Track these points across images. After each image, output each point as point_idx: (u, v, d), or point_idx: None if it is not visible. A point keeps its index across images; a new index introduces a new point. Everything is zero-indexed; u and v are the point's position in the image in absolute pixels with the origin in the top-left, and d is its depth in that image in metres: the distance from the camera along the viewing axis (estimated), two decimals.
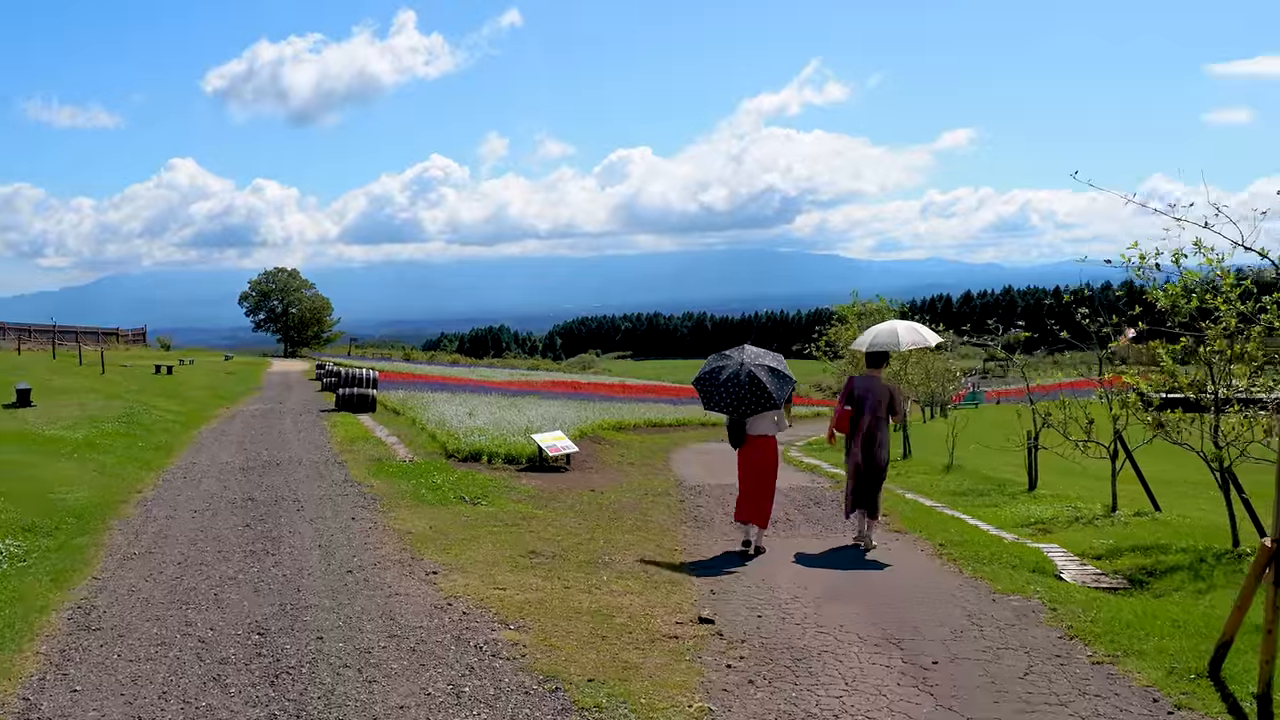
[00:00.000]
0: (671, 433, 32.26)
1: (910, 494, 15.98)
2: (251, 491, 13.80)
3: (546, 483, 16.01)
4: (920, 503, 14.83)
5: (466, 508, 12.77)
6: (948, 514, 13.65)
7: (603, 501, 14.20)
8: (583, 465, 18.81)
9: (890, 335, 11.98)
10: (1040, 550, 10.83)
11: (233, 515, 12.03)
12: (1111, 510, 13.97)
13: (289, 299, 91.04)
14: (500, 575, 9.02)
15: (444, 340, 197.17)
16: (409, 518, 11.85)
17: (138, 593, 8.42)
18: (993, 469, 20.53)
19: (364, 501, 13.02)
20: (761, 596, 8.70)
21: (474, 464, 17.55)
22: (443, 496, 13.42)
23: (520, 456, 18.17)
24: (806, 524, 12.97)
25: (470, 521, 11.73)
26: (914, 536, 11.84)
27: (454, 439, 19.11)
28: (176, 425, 23.45)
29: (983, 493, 16.10)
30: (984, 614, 8.11)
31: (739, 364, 11.04)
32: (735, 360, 11.15)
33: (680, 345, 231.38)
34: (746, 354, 11.26)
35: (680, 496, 15.28)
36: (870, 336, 12.18)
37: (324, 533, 10.90)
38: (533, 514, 12.58)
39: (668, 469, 20.13)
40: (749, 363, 11.04)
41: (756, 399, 10.80)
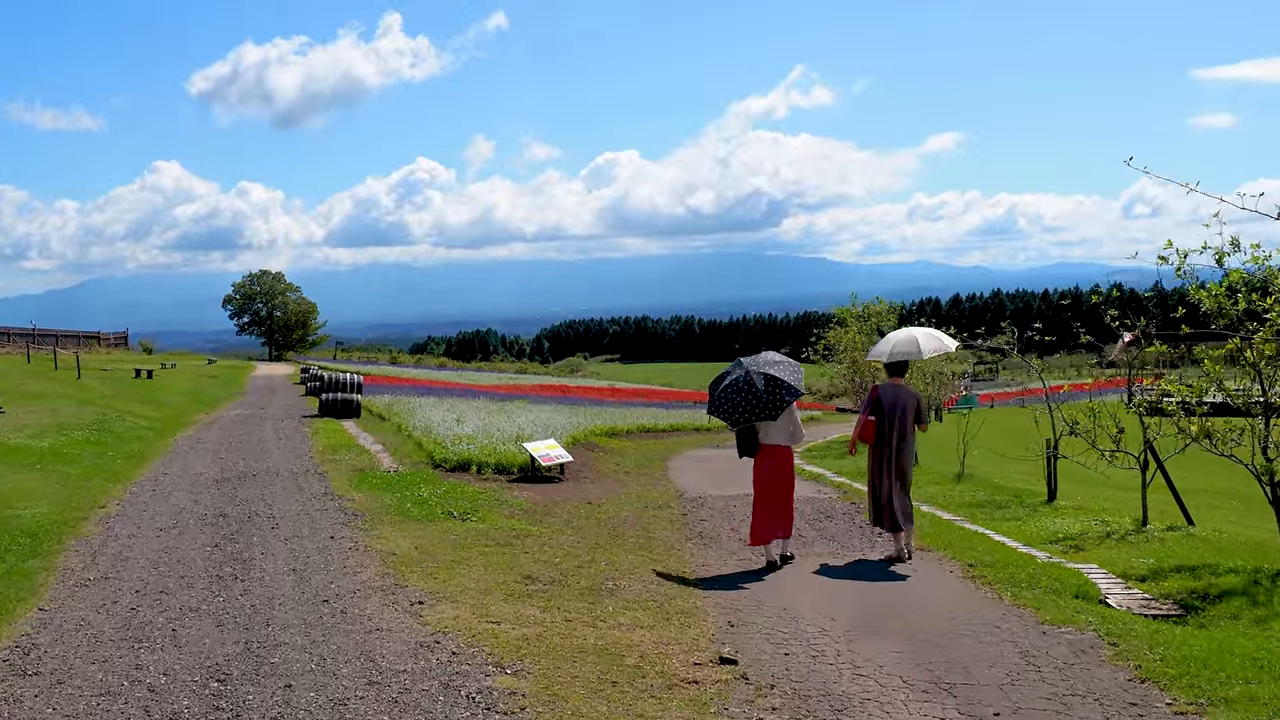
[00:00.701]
0: (666, 438, 31.37)
1: (925, 506, 15.10)
2: (224, 506, 12.85)
3: (540, 495, 15.10)
4: (938, 516, 13.95)
5: (455, 524, 11.84)
6: (970, 529, 12.77)
7: (601, 516, 13.29)
8: (577, 475, 17.90)
9: (910, 344, 11.41)
10: (1079, 572, 9.96)
11: (201, 534, 11.08)
12: (1142, 524, 13.12)
13: (273, 302, 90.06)
14: (494, 605, 8.09)
15: (431, 343, 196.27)
16: (393, 536, 10.91)
17: (86, 628, 7.47)
18: (1004, 477, 19.69)
19: (344, 518, 12.07)
20: (785, 629, 7.79)
21: (462, 474, 16.61)
22: (429, 512, 12.47)
23: (511, 466, 17.25)
24: (820, 540, 12.09)
25: (459, 541, 10.80)
26: (939, 555, 10.97)
27: (441, 447, 18.18)
28: (151, 433, 22.46)
29: (1001, 504, 15.22)
30: (1037, 651, 7.23)
31: (744, 370, 10.54)
32: (742, 367, 10.66)
33: (668, 348, 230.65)
34: (754, 360, 10.79)
35: (682, 509, 14.39)
36: (889, 346, 11.60)
37: (299, 554, 9.96)
38: (527, 531, 11.65)
39: (666, 478, 19.22)
40: (753, 369, 10.53)
41: (752, 406, 10.27)
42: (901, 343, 11.52)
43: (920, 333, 11.78)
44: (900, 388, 11.00)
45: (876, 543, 11.84)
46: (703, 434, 35.19)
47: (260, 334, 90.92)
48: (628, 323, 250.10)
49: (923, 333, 11.79)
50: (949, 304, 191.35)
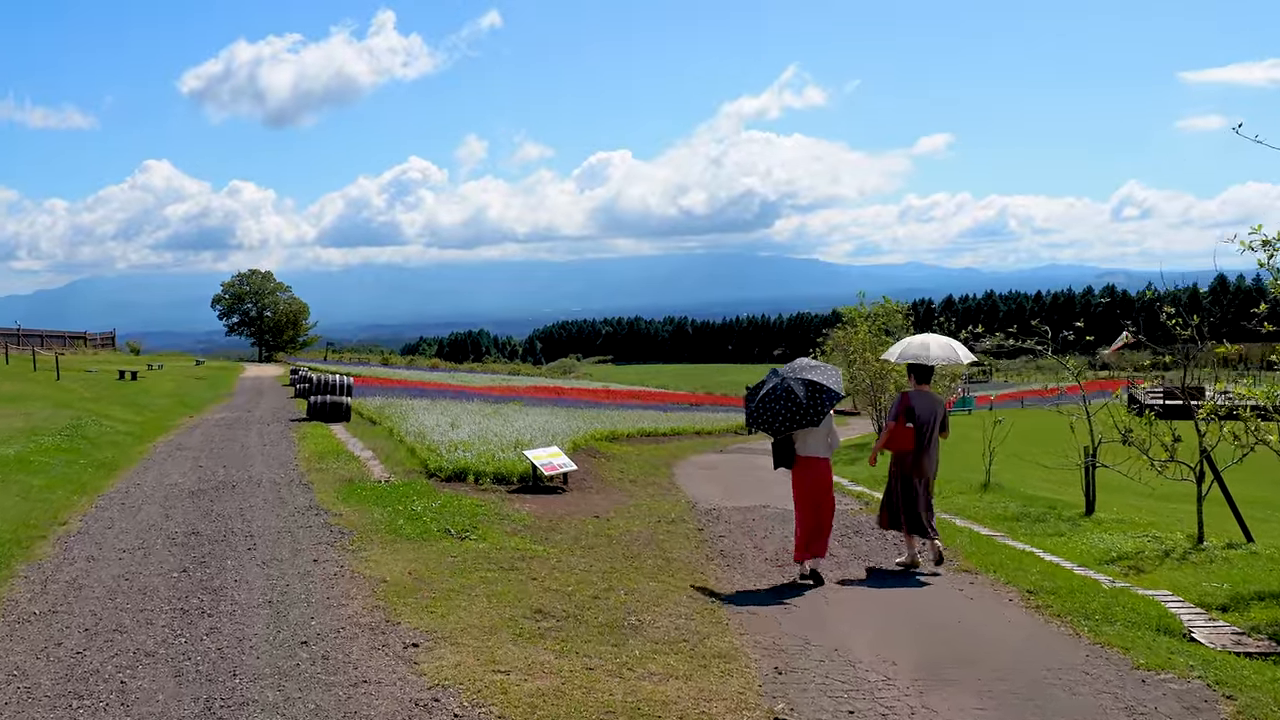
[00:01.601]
0: (667, 443, 30.32)
1: (959, 520, 14.02)
2: (197, 523, 11.69)
3: (543, 507, 13.97)
4: (975, 531, 12.85)
5: (453, 543, 10.68)
6: (1015, 547, 11.67)
7: (611, 532, 12.15)
8: (581, 484, 16.78)
9: (921, 348, 11.06)
10: (1154, 600, 8.86)
11: (169, 556, 9.92)
12: (1198, 541, 12.04)
13: (263, 302, 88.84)
14: (501, 649, 6.93)
15: (423, 344, 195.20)
16: (383, 559, 9.76)
17: (20, 678, 6.33)
18: (1031, 486, 18.63)
19: (330, 536, 10.92)
20: (842, 677, 6.66)
21: (459, 485, 15.47)
22: (424, 529, 11.31)
23: (511, 475, 16.10)
24: (854, 560, 10.98)
25: (458, 564, 9.65)
26: (990, 579, 9.88)
27: (436, 455, 17.03)
28: (129, 438, 21.30)
29: (1037, 517, 14.11)
30: (1144, 706, 6.13)
31: (780, 379, 10.07)
32: (778, 375, 10.18)
33: (661, 349, 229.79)
34: (790, 368, 10.28)
35: (697, 523, 13.27)
36: (900, 347, 11.36)
37: (278, 582, 8.81)
38: (532, 552, 10.50)
39: (674, 487, 18.12)
40: (790, 376, 10.04)
41: (793, 414, 9.75)
42: (913, 345, 11.21)
43: (934, 340, 11.31)
44: (930, 395, 10.74)
45: (920, 562, 10.76)
46: (704, 438, 34.16)
47: (250, 334, 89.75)
48: (620, 324, 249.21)
49: (937, 340, 11.31)
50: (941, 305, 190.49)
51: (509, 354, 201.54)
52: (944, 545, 10.77)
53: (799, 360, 10.66)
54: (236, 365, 64.80)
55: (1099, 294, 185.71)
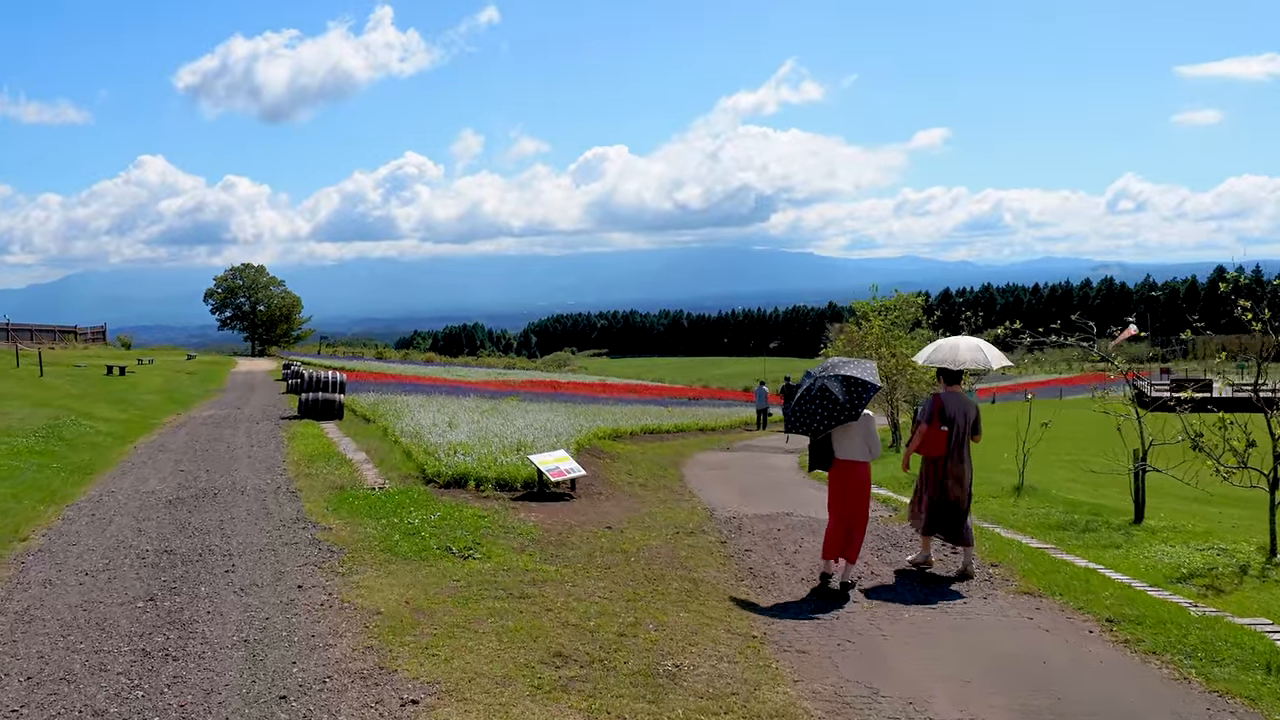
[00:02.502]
0: (671, 440, 29.22)
1: (1000, 529, 12.94)
2: (172, 539, 10.56)
3: (551, 517, 12.86)
4: (1024, 544, 11.74)
5: (454, 564, 9.57)
6: (1074, 563, 10.57)
7: (627, 547, 11.04)
8: (589, 489, 15.65)
9: (950, 351, 10.70)
10: (1259, 633, 7.75)
11: (137, 580, 8.81)
12: (1270, 554, 10.97)
13: (256, 296, 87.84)
14: (518, 707, 5.80)
15: (417, 338, 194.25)
16: (377, 584, 8.65)
17: None
18: (1065, 489, 17.56)
19: (318, 555, 9.79)
20: None
21: (458, 491, 14.35)
22: (422, 545, 10.19)
23: (514, 481, 14.97)
24: (901, 582, 9.89)
25: (462, 590, 8.53)
26: (1057, 603, 8.81)
27: (433, 459, 15.91)
28: (109, 439, 20.16)
29: (1086, 526, 13.01)
30: None
31: (814, 379, 9.69)
32: (811, 376, 9.81)
33: (657, 343, 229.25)
34: (823, 368, 9.89)
35: (719, 535, 12.18)
36: (929, 350, 11.01)
37: (256, 614, 7.70)
38: (544, 574, 9.38)
39: (686, 491, 17.03)
40: (823, 376, 9.66)
41: (831, 411, 9.39)
42: (943, 349, 10.83)
43: (964, 343, 10.89)
44: (961, 396, 10.42)
45: (971, 583, 9.68)
46: (708, 435, 33.10)
47: (243, 329, 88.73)
48: (616, 317, 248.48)
49: (966, 343, 10.89)
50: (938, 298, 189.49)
51: (504, 348, 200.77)
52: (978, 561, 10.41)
53: (832, 359, 10.22)
54: (229, 360, 63.68)
55: (1097, 286, 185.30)
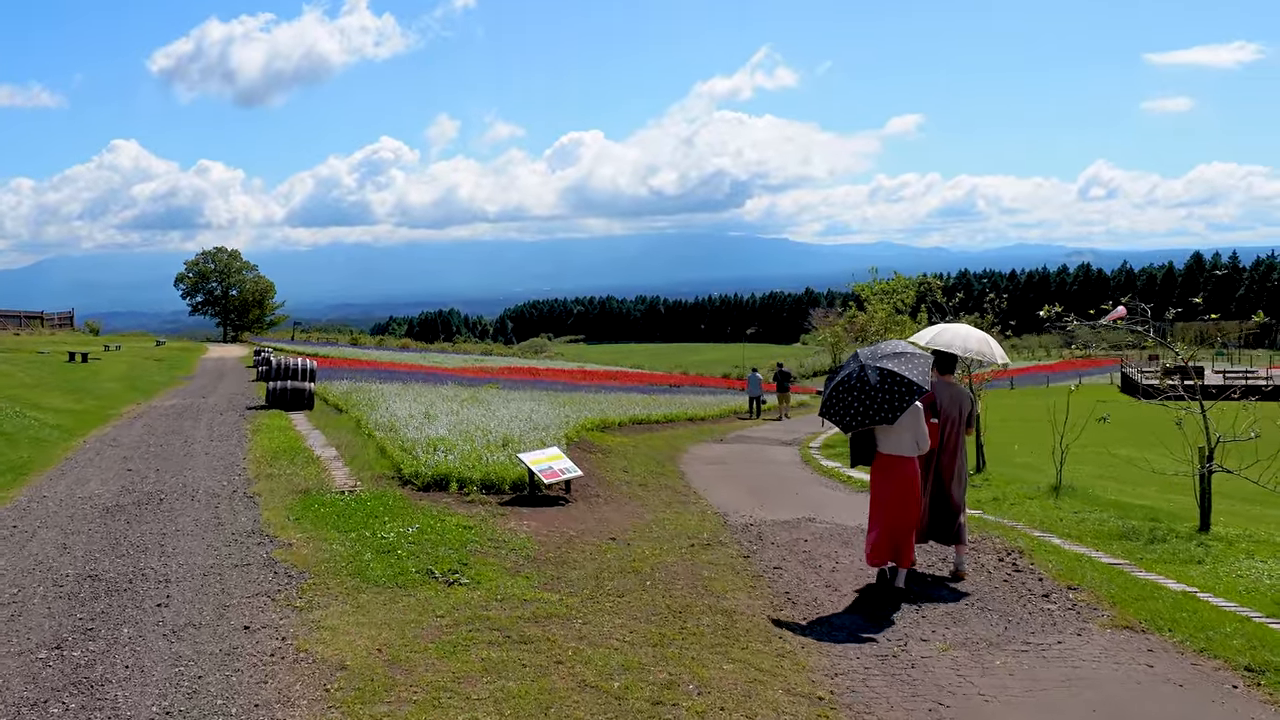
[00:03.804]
0: (661, 431, 27.57)
1: (1053, 536, 11.39)
2: (101, 559, 8.88)
3: (545, 526, 11.23)
4: (1093, 558, 10.19)
5: (438, 592, 7.93)
6: (1162, 584, 9.03)
7: (639, 566, 9.43)
8: (585, 490, 14.02)
9: (955, 337, 10.04)
10: None
11: (47, 618, 7.14)
12: None
13: (229, 281, 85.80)
14: None
15: (392, 324, 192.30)
16: (343, 623, 7.00)
17: None
18: (1096, 486, 16.08)
19: (272, 581, 8.12)
20: None
21: (439, 494, 12.67)
22: (399, 568, 8.53)
23: (501, 482, 13.30)
24: (976, 610, 8.32)
25: (448, 631, 6.90)
26: (1169, 641, 7.29)
27: (410, 456, 14.24)
28: (56, 432, 18.41)
29: (1152, 536, 11.43)
30: None
31: (859, 364, 8.72)
32: (858, 360, 8.82)
33: (634, 329, 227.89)
34: (871, 352, 8.94)
35: (741, 549, 10.62)
36: (933, 332, 10.29)
37: (186, 671, 6.04)
38: (545, 604, 7.74)
39: (690, 492, 15.43)
40: (868, 362, 8.68)
41: (866, 408, 8.49)
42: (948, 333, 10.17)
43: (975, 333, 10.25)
44: (954, 386, 9.82)
45: (1053, 613, 8.14)
46: (698, 424, 31.50)
47: (215, 314, 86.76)
48: (592, 303, 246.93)
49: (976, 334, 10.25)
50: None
51: (480, 334, 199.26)
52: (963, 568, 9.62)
53: (887, 343, 9.14)
54: (199, 346, 61.75)
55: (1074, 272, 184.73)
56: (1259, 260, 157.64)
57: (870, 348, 9.06)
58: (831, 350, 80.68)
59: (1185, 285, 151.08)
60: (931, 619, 7.99)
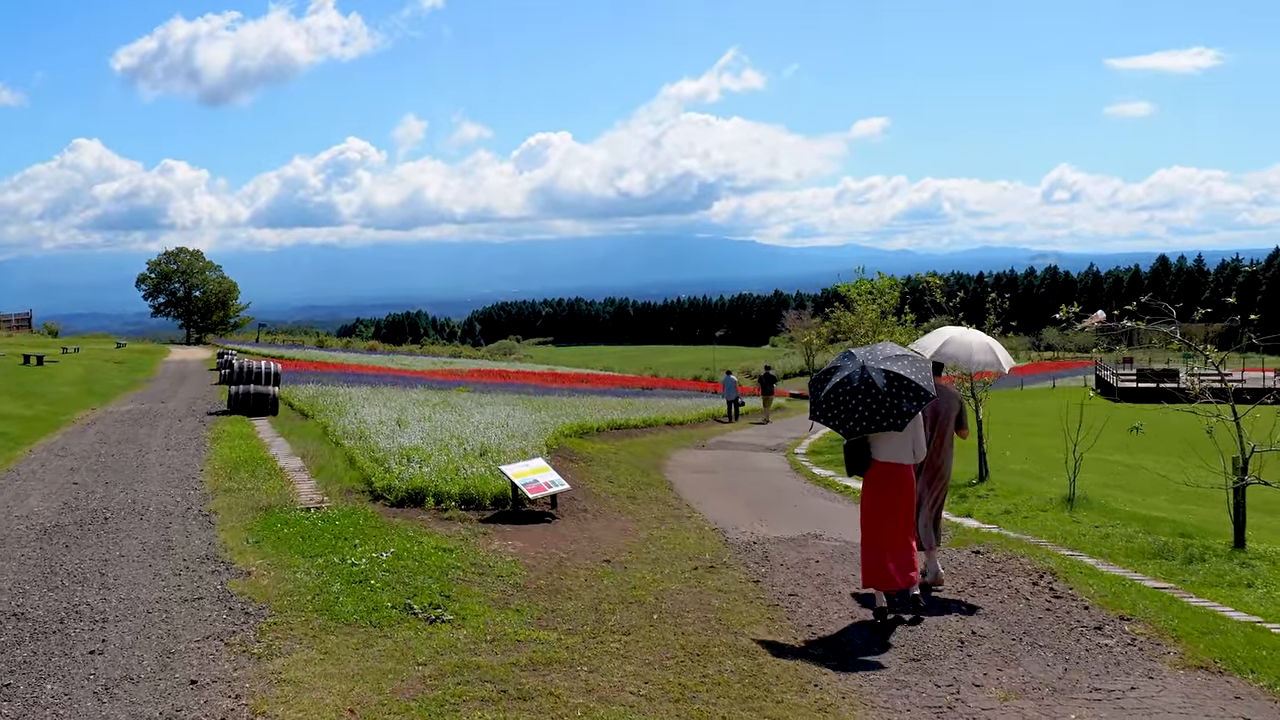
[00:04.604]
0: (641, 436, 26.61)
1: (1082, 555, 10.50)
2: (31, 592, 7.77)
3: (533, 546, 10.22)
4: (1136, 582, 9.29)
5: (418, 633, 6.90)
6: (1223, 614, 8.14)
7: (642, 595, 8.43)
8: (571, 505, 13.00)
9: (962, 349, 9.59)
10: None
11: None
12: None
13: (192, 281, 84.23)
14: None
15: (360, 326, 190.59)
16: (308, 675, 5.96)
17: None
18: (1114, 499, 15.26)
19: (226, 620, 7.05)
20: None
21: (415, 510, 11.63)
22: (372, 602, 7.47)
23: (482, 497, 12.25)
24: (1028, 650, 7.39)
25: (431, 683, 5.86)
26: (1255, 686, 6.39)
27: (382, 468, 13.19)
28: (1, 440, 17.22)
29: (1189, 554, 10.58)
30: None
31: (859, 365, 8.15)
32: (855, 360, 8.25)
33: (602, 331, 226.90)
34: (871, 353, 8.40)
35: (747, 570, 9.66)
36: (939, 342, 9.69)
37: None
38: (542, 645, 6.73)
39: (681, 503, 14.46)
40: (870, 364, 8.14)
41: (873, 412, 7.87)
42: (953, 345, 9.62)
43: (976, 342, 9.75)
44: (945, 389, 9.43)
45: (1113, 650, 7.22)
46: (678, 429, 30.57)
47: (177, 316, 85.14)
48: (561, 305, 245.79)
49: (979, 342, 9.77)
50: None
51: (447, 336, 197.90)
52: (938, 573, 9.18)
53: (883, 345, 8.64)
54: (161, 348, 60.30)
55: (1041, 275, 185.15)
56: (1224, 263, 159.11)
57: (866, 348, 8.52)
58: (805, 352, 79.98)
59: (1152, 287, 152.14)
60: (978, 658, 7.05)
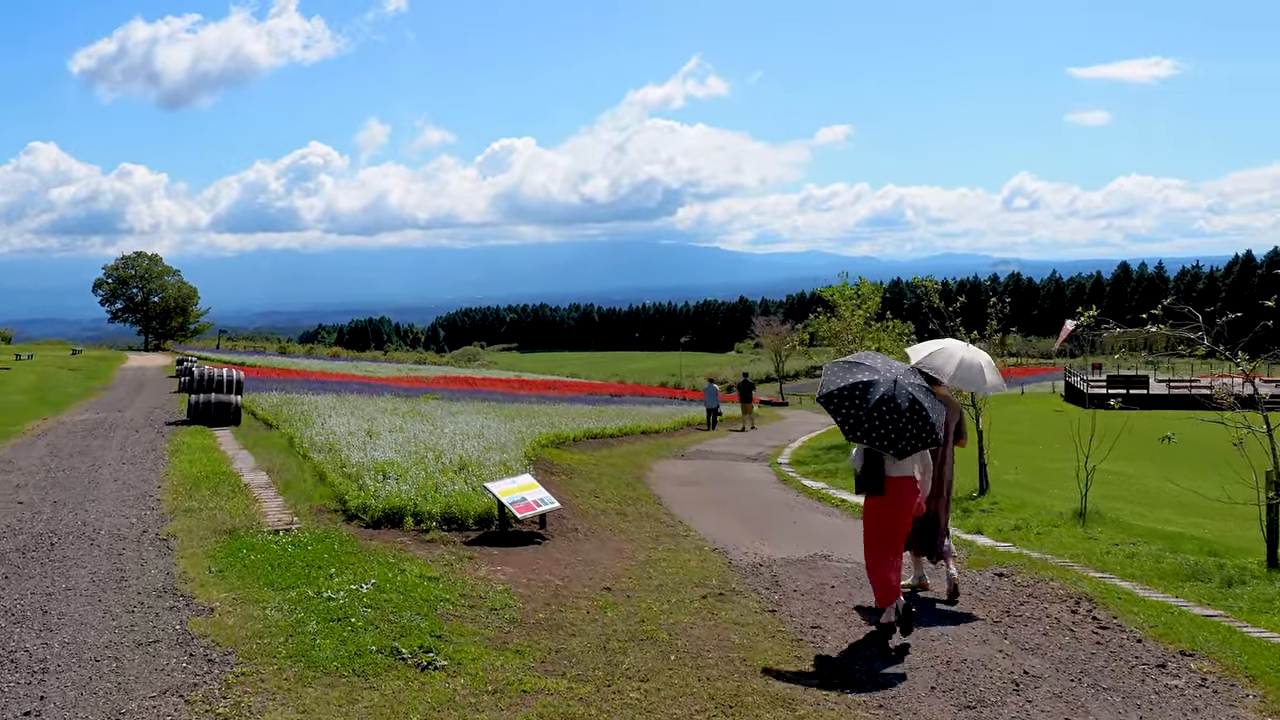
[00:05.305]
0: (617, 446, 25.75)
1: (1114, 578, 9.76)
2: None
3: (524, 572, 9.34)
4: (1180, 609, 8.55)
5: (409, 682, 6.01)
6: None
7: (651, 629, 7.58)
8: (561, 523, 12.10)
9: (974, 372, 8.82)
10: None
11: None
12: None
13: (150, 286, 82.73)
14: None
15: (322, 332, 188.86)
16: None
17: None
18: (1122, 512, 14.57)
19: (186, 669, 6.15)
20: None
21: (393, 531, 10.73)
22: (354, 644, 6.57)
23: (464, 516, 11.34)
24: (1090, 693, 6.61)
25: None
26: None
27: (356, 485, 12.25)
28: None
29: (1226, 577, 9.89)
30: None
31: (891, 381, 7.63)
32: (885, 376, 7.70)
33: (567, 337, 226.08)
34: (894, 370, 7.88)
35: (760, 598, 8.84)
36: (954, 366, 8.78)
37: None
38: (553, 700, 5.86)
39: (673, 520, 13.61)
40: (903, 381, 7.68)
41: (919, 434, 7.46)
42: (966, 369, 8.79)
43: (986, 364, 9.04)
44: (941, 397, 8.74)
45: (1184, 692, 6.45)
46: (654, 438, 29.72)
47: (135, 321, 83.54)
48: (525, 311, 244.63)
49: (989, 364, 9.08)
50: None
51: (411, 342, 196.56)
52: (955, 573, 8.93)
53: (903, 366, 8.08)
54: (119, 355, 58.90)
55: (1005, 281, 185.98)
56: (1184, 270, 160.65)
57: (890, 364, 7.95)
58: (775, 358, 79.39)
59: (1114, 294, 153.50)
60: (1039, 703, 6.27)
